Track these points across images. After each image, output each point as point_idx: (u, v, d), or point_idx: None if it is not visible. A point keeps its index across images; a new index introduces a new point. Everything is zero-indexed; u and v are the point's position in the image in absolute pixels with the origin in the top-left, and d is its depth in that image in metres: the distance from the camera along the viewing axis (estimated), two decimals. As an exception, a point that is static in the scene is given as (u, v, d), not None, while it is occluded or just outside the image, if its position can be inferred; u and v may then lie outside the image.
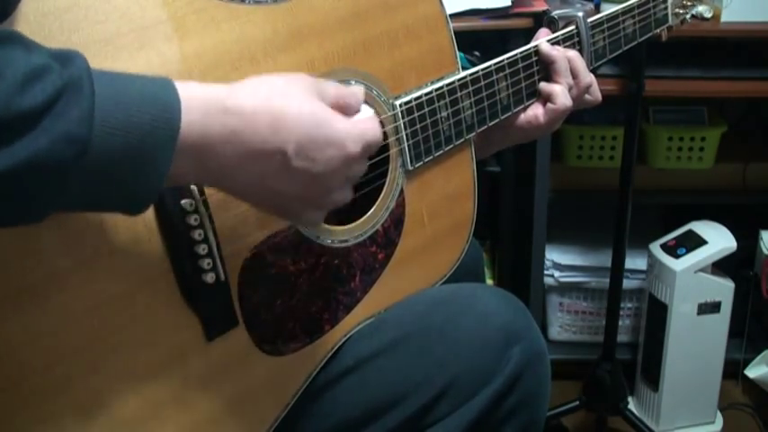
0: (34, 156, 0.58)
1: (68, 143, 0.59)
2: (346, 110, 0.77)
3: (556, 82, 1.11)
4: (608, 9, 1.21)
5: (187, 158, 0.67)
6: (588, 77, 1.13)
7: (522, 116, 1.13)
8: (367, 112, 0.79)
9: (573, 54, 1.12)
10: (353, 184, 0.80)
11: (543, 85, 1.12)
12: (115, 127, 0.61)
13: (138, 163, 0.63)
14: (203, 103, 0.67)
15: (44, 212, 0.62)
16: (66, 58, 0.61)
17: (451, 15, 1.07)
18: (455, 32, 1.05)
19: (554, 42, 1.13)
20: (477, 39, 1.64)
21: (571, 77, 1.11)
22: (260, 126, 0.70)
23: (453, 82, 1.01)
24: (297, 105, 0.73)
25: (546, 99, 1.12)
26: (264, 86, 0.73)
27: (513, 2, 1.67)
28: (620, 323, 1.92)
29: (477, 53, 1.68)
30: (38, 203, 0.61)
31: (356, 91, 0.81)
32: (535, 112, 1.12)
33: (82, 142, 0.60)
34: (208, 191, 0.79)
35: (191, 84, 0.68)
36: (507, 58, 1.07)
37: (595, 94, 1.16)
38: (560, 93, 1.10)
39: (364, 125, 0.78)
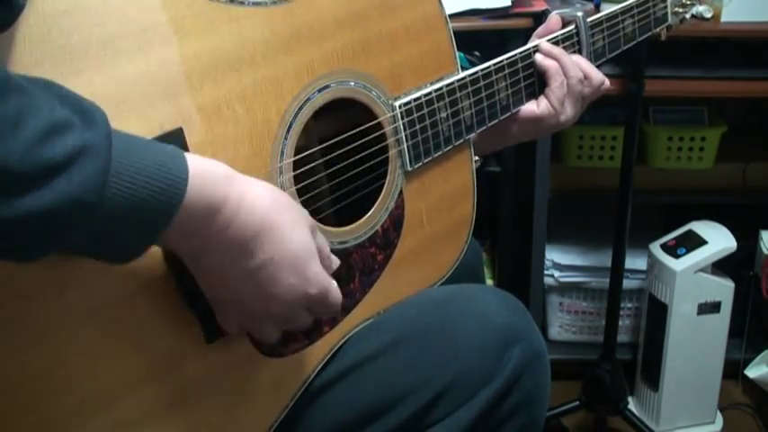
0: (42, 211, 0.59)
1: (76, 207, 0.60)
2: (325, 260, 0.81)
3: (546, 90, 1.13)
4: (608, 9, 1.21)
5: (178, 231, 0.69)
6: (599, 76, 1.14)
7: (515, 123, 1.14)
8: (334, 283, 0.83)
9: (577, 57, 1.14)
10: (287, 328, 0.83)
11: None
12: (124, 196, 0.63)
13: (136, 227, 0.66)
14: (210, 183, 0.70)
15: (40, 257, 0.63)
16: (90, 118, 0.62)
17: (451, 15, 1.07)
18: (455, 32, 1.05)
19: (554, 42, 1.13)
20: (477, 39, 1.64)
21: (564, 87, 1.12)
22: (253, 224, 0.73)
23: (453, 83, 1.01)
24: (292, 225, 0.77)
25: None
26: (275, 193, 0.77)
27: (513, 2, 1.67)
28: (620, 323, 1.92)
29: (477, 53, 1.68)
30: (34, 250, 0.62)
31: (335, 260, 0.85)
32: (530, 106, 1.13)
33: (89, 209, 0.61)
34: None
35: (202, 160, 0.70)
36: (507, 59, 1.07)
37: (605, 85, 1.17)
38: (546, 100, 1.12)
39: (335, 288, 0.82)
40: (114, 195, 0.62)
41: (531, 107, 1.12)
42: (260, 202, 0.74)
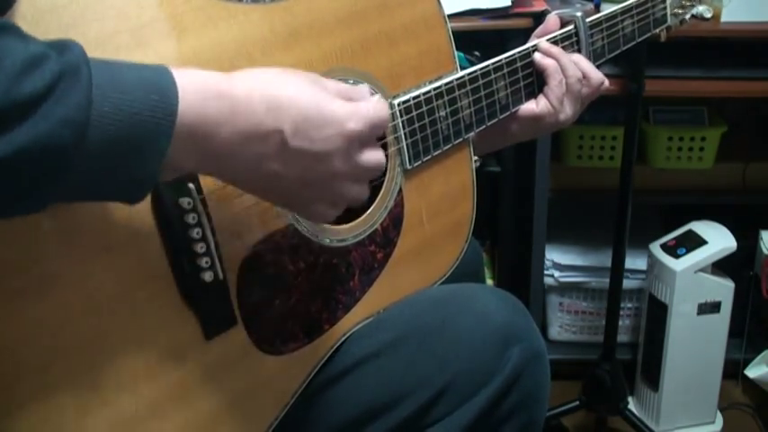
0: (34, 142, 0.58)
1: (67, 128, 0.59)
2: (348, 96, 0.77)
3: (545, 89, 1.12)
4: (608, 9, 1.21)
5: (184, 143, 0.66)
6: (599, 75, 1.14)
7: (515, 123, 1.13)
8: (373, 98, 0.78)
9: (577, 56, 1.13)
10: (368, 174, 0.79)
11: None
12: (113, 111, 0.62)
13: (137, 147, 0.64)
14: (199, 87, 0.68)
15: (45, 201, 0.62)
16: (64, 46, 0.61)
17: (451, 15, 1.07)
18: (455, 32, 1.05)
19: (553, 42, 1.13)
20: (476, 39, 1.64)
21: (562, 75, 1.12)
22: (255, 107, 0.70)
23: (451, 81, 1.01)
24: (293, 88, 0.73)
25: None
26: (262, 73, 0.73)
27: (513, 2, 1.67)
28: (620, 323, 1.92)
29: (476, 53, 1.68)
30: (38, 191, 0.61)
31: (363, 86, 0.80)
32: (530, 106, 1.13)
33: (80, 127, 0.60)
34: (206, 189, 0.79)
35: (187, 70, 0.68)
36: (505, 58, 1.07)
37: (604, 85, 1.16)
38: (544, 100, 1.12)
39: (367, 105, 0.76)
40: (103, 111, 0.61)
41: (531, 106, 1.12)
42: (253, 82, 0.71)
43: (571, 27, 1.16)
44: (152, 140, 0.64)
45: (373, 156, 0.78)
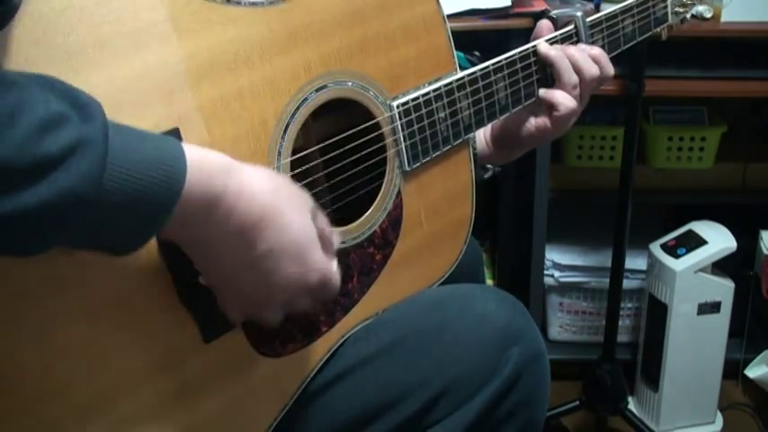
0: (39, 206, 0.59)
1: (74, 200, 0.60)
2: (326, 244, 0.81)
3: (558, 86, 1.11)
4: (608, 9, 1.21)
5: (178, 221, 0.68)
6: (593, 69, 1.12)
7: (533, 126, 1.13)
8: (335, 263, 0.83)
9: (573, 51, 1.12)
10: (287, 311, 0.82)
11: (544, 93, 1.11)
12: (122, 189, 0.63)
13: (136, 219, 0.66)
14: (208, 173, 0.69)
15: (40, 251, 0.63)
16: (87, 111, 0.62)
17: (451, 15, 1.07)
18: (455, 32, 1.05)
19: (552, 42, 1.13)
20: (477, 39, 1.64)
21: (575, 75, 1.11)
22: (254, 211, 0.73)
23: (451, 82, 1.01)
24: (292, 213, 0.76)
25: (549, 107, 1.11)
26: (275, 180, 0.77)
27: (513, 2, 1.67)
28: (620, 323, 1.91)
29: (477, 53, 1.68)
30: (33, 245, 0.62)
31: (337, 236, 0.85)
32: (543, 121, 1.12)
33: (88, 201, 0.61)
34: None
35: (200, 150, 0.70)
36: (505, 59, 1.07)
37: (606, 70, 1.15)
38: (562, 99, 1.10)
39: (335, 274, 0.82)
40: (112, 188, 0.62)
41: (544, 121, 1.12)
42: (260, 189, 0.74)
43: (571, 27, 1.16)
44: (152, 217, 0.66)
45: (306, 304, 0.82)
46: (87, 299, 0.72)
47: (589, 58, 1.12)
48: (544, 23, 1.16)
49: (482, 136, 1.21)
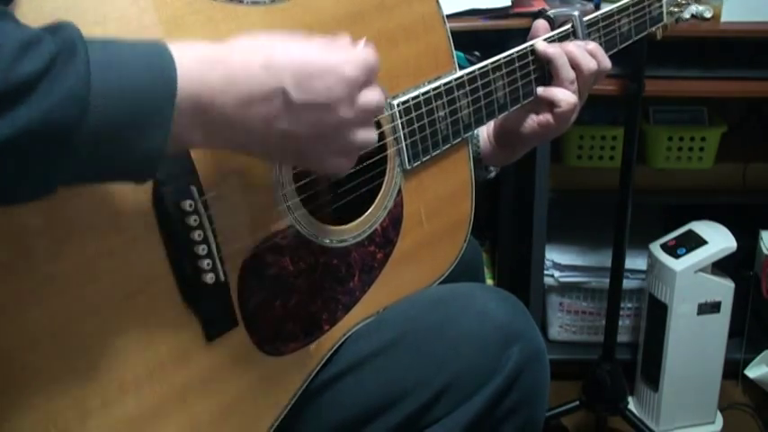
0: (36, 120, 0.58)
1: (69, 103, 0.60)
2: (335, 43, 0.77)
3: (555, 83, 1.11)
4: (605, 9, 1.22)
5: (188, 114, 0.67)
6: (591, 63, 1.12)
7: (535, 123, 1.13)
8: (360, 43, 0.78)
9: (571, 47, 1.12)
10: (372, 117, 0.78)
11: (542, 91, 1.11)
12: (113, 86, 0.62)
13: (140, 120, 0.64)
14: (196, 56, 0.68)
15: (53, 182, 0.62)
16: (57, 27, 0.62)
17: (451, 15, 1.07)
18: (455, 32, 1.06)
19: (550, 41, 1.13)
20: (476, 39, 1.64)
21: (572, 71, 1.11)
22: (253, 69, 0.70)
23: (450, 81, 1.01)
24: (284, 45, 0.73)
25: (550, 104, 1.12)
26: (253, 38, 0.73)
27: (512, 2, 1.67)
28: (620, 323, 1.91)
29: (477, 53, 1.68)
30: (46, 171, 0.61)
31: (344, 37, 0.79)
32: (545, 117, 1.12)
33: (82, 100, 0.60)
34: (207, 191, 0.79)
35: (181, 43, 0.68)
36: (504, 58, 1.07)
37: (603, 64, 1.14)
38: (562, 95, 1.10)
39: (358, 50, 0.76)
40: (103, 86, 0.61)
41: (547, 117, 1.12)
42: (246, 47, 0.71)
43: (568, 26, 1.16)
44: (154, 113, 0.64)
45: (374, 96, 0.77)
46: (89, 298, 0.73)
47: (586, 53, 1.12)
48: (540, 23, 1.16)
49: (485, 135, 1.21)
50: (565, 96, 1.10)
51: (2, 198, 0.63)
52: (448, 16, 1.04)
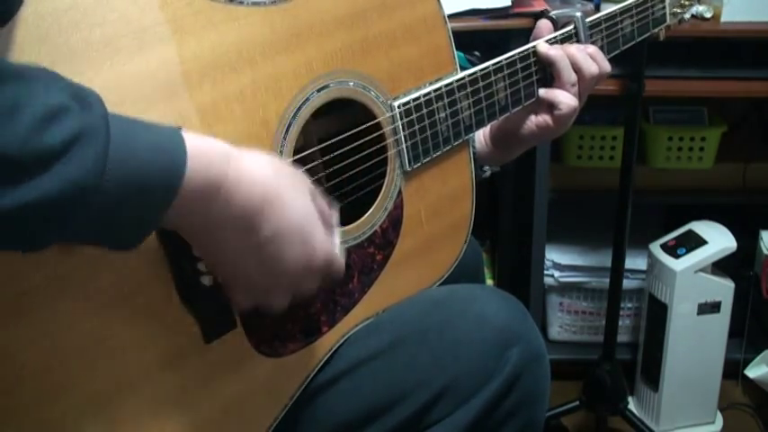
0: (43, 199, 0.59)
1: (78, 191, 0.60)
2: (327, 223, 0.81)
3: (557, 85, 1.11)
4: (608, 9, 1.21)
5: (179, 207, 0.68)
6: (593, 68, 1.12)
7: (533, 124, 1.13)
8: (337, 237, 0.83)
9: (573, 50, 1.12)
10: (294, 294, 0.82)
11: (544, 93, 1.11)
12: (124, 179, 0.63)
13: (138, 209, 0.66)
14: (208, 160, 0.69)
15: (43, 246, 0.63)
16: (86, 102, 0.62)
17: (451, 15, 1.07)
18: (455, 33, 1.05)
19: (552, 42, 1.13)
20: (477, 39, 1.64)
21: (573, 74, 1.11)
22: (255, 196, 0.73)
23: (452, 83, 1.01)
24: (293, 195, 0.76)
25: (550, 106, 1.12)
26: (274, 163, 0.76)
27: (513, 2, 1.67)
28: (620, 323, 1.92)
29: (477, 53, 1.68)
30: (38, 238, 0.62)
31: (335, 211, 0.84)
32: (544, 119, 1.12)
33: (91, 191, 0.61)
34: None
35: (198, 137, 0.70)
36: (505, 59, 1.07)
37: (603, 67, 1.15)
38: (563, 98, 1.10)
39: (337, 251, 0.82)
40: (114, 178, 0.62)
41: (546, 118, 1.13)
42: (260, 173, 0.74)
43: (571, 27, 1.16)
44: (152, 208, 0.66)
45: (312, 285, 0.82)
46: (88, 299, 0.72)
47: (588, 57, 1.12)
48: (543, 23, 1.16)
49: (481, 135, 1.21)
50: (566, 99, 1.10)
51: None
52: (448, 16, 1.04)
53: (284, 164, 0.79)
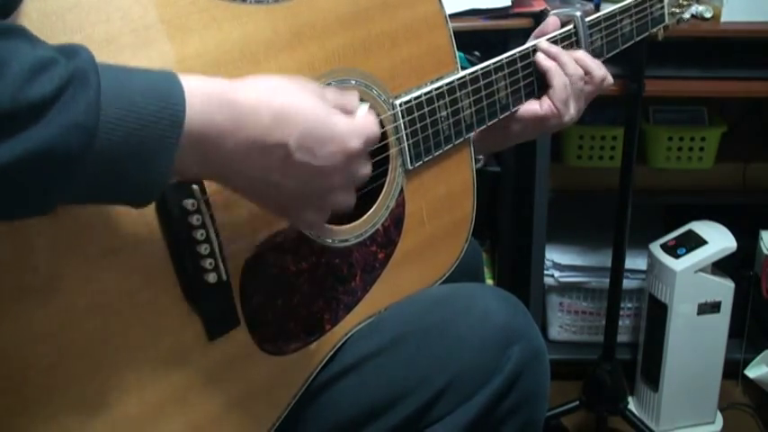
0: (42, 146, 0.58)
1: (76, 133, 0.59)
2: (346, 109, 0.78)
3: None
4: (607, 9, 1.22)
5: (190, 149, 0.67)
6: (601, 71, 1.13)
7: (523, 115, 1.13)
8: (364, 109, 0.80)
9: (579, 53, 1.13)
10: (357, 185, 0.80)
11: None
12: (121, 118, 0.62)
13: (144, 152, 0.64)
14: (206, 95, 0.68)
15: (52, 203, 0.62)
16: (72, 51, 0.62)
17: (452, 15, 1.07)
18: (455, 32, 1.06)
19: (552, 41, 1.13)
20: (477, 39, 1.65)
21: (565, 77, 1.12)
22: (262, 118, 0.71)
23: (453, 81, 1.01)
24: (299, 101, 0.73)
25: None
26: (267, 82, 0.74)
27: (513, 2, 1.67)
28: (620, 323, 1.92)
29: (477, 53, 1.69)
30: (45, 194, 0.61)
31: (353, 93, 0.82)
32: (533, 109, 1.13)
33: (89, 131, 0.60)
34: (210, 191, 0.79)
35: (193, 76, 0.68)
36: (506, 58, 1.08)
37: (607, 81, 1.16)
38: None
39: (364, 121, 0.78)
40: (112, 117, 0.61)
41: (534, 107, 1.12)
42: (264, 93, 0.72)
43: (570, 27, 1.16)
44: (159, 148, 0.65)
45: (365, 170, 0.80)
46: (91, 297, 0.72)
47: (577, 65, 1.12)
48: (552, 20, 1.16)
49: None
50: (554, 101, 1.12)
51: None
52: (448, 16, 1.04)
53: (274, 76, 0.76)
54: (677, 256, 1.85)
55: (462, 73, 1.03)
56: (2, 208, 0.61)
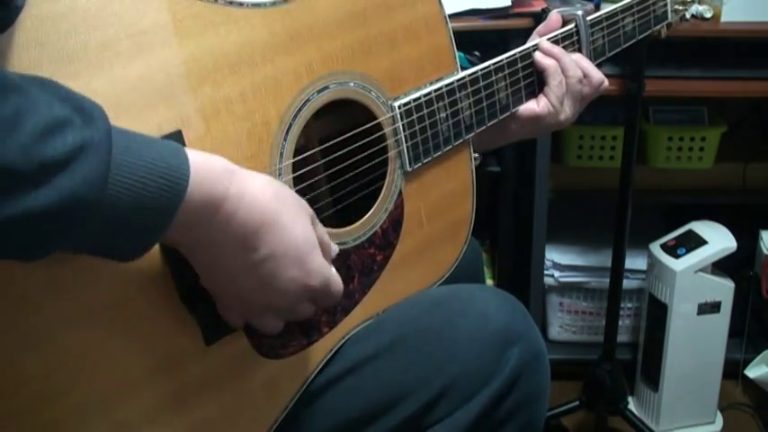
0: (43, 210, 0.59)
1: (79, 204, 0.60)
2: (326, 251, 0.82)
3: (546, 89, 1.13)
4: (607, 8, 1.21)
5: (180, 225, 0.68)
6: (599, 74, 1.14)
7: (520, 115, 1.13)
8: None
9: (577, 56, 1.13)
10: (290, 320, 0.83)
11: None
12: (125, 193, 0.63)
13: (139, 224, 0.66)
14: (210, 177, 0.70)
15: (43, 255, 0.63)
16: (89, 116, 0.62)
17: (451, 15, 1.07)
18: (455, 32, 1.05)
19: (553, 41, 1.13)
20: (477, 39, 1.64)
21: (562, 76, 1.12)
22: (253, 218, 0.73)
23: (452, 83, 1.01)
24: (293, 218, 0.77)
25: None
26: (276, 186, 0.77)
27: (513, 2, 1.67)
28: (620, 323, 1.91)
29: (477, 53, 1.68)
30: (39, 248, 0.62)
31: (335, 246, 0.86)
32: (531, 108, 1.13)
33: (91, 206, 0.61)
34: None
35: (201, 154, 0.70)
36: (506, 58, 1.07)
37: (604, 84, 1.17)
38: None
39: (336, 277, 0.83)
40: (116, 192, 0.62)
41: (531, 106, 1.12)
42: (261, 195, 0.74)
43: (572, 26, 1.16)
44: (153, 221, 0.67)
45: (308, 311, 0.83)
46: (88, 302, 0.72)
47: (576, 66, 1.13)
48: (554, 17, 1.16)
49: None
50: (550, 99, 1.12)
51: None
52: (448, 16, 1.04)
53: (285, 187, 0.80)
54: (677, 256, 1.84)
55: (462, 74, 1.03)
56: None
